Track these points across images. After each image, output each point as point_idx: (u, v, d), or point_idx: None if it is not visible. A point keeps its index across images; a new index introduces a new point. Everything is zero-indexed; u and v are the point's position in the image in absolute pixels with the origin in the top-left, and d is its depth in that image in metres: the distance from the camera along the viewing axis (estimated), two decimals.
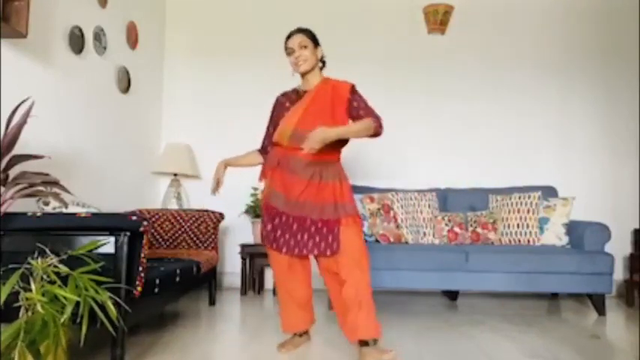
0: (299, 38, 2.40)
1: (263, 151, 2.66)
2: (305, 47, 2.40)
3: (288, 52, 2.43)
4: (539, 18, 4.48)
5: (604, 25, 4.45)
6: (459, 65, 4.46)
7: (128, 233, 2.04)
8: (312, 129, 2.20)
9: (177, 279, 2.62)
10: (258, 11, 4.55)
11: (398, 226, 3.80)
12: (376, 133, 2.35)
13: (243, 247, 4.06)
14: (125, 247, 2.03)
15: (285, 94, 2.57)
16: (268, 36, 4.51)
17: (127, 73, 3.79)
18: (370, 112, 2.37)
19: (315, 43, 2.45)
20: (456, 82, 4.46)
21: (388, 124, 4.21)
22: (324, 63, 2.51)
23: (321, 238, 2.33)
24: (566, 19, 4.47)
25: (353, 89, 2.41)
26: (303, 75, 2.46)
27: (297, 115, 2.38)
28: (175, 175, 4.26)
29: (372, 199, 3.81)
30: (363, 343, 2.31)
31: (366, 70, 4.23)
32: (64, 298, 1.77)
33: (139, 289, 2.09)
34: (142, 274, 2.10)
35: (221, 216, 3.71)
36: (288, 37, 2.44)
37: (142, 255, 2.10)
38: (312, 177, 2.34)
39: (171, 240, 3.60)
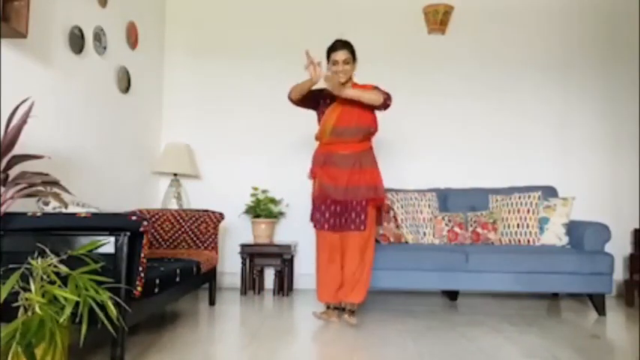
0: (344, 55, 2.90)
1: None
2: (347, 63, 2.92)
3: (332, 62, 2.93)
4: (540, 18, 4.48)
5: (604, 25, 4.45)
6: (459, 65, 4.46)
7: (128, 233, 2.04)
8: (348, 126, 2.91)
9: (177, 279, 2.62)
10: (258, 11, 4.55)
11: (398, 226, 3.80)
12: (385, 104, 2.92)
13: (243, 247, 4.06)
14: (125, 247, 2.03)
15: (326, 90, 2.96)
16: (268, 36, 4.52)
17: (127, 73, 3.79)
18: (381, 90, 2.93)
19: (354, 58, 2.97)
20: (455, 82, 4.45)
21: (388, 124, 4.24)
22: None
23: (357, 217, 2.96)
24: (566, 19, 4.47)
25: (374, 86, 3.00)
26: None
27: (335, 114, 2.96)
28: (175, 175, 4.26)
29: None
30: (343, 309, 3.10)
31: (366, 70, 4.21)
32: (64, 298, 1.76)
33: (139, 289, 2.09)
34: (142, 274, 2.10)
35: (221, 216, 3.71)
36: (334, 48, 2.93)
37: (142, 255, 2.10)
38: (353, 166, 2.95)
39: (171, 240, 3.60)
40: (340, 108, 2.96)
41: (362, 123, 2.98)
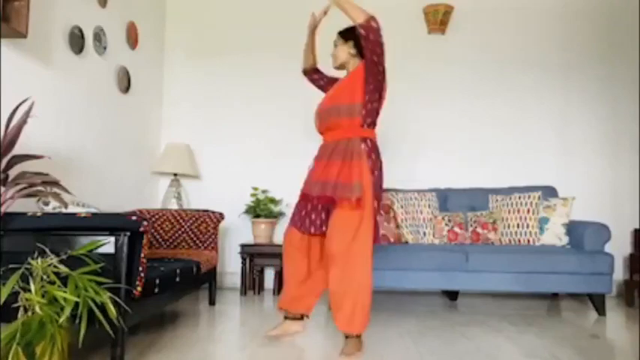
0: (335, 37, 2.63)
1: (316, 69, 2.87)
2: (335, 46, 2.62)
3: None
4: (540, 18, 4.48)
5: (604, 26, 4.45)
6: (459, 65, 4.45)
7: (128, 233, 2.04)
8: (329, 106, 2.47)
9: (177, 279, 2.62)
10: (258, 11, 4.55)
11: (398, 226, 3.80)
12: (367, 23, 2.39)
13: (243, 247, 4.06)
14: (125, 247, 2.03)
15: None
16: (268, 36, 4.52)
17: (127, 73, 3.79)
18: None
19: (345, 38, 2.58)
20: (455, 83, 4.46)
21: (387, 124, 4.21)
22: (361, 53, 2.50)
23: (316, 216, 2.49)
24: (567, 19, 4.47)
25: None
26: (339, 69, 2.64)
27: (324, 97, 2.61)
28: (175, 175, 4.26)
29: None
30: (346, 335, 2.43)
31: None
32: (64, 298, 1.76)
33: (139, 289, 2.09)
34: (142, 274, 2.10)
35: (221, 216, 3.71)
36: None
37: (142, 255, 2.10)
38: (329, 157, 2.44)
39: (171, 240, 3.60)
40: (328, 96, 2.59)
41: (339, 100, 2.44)
